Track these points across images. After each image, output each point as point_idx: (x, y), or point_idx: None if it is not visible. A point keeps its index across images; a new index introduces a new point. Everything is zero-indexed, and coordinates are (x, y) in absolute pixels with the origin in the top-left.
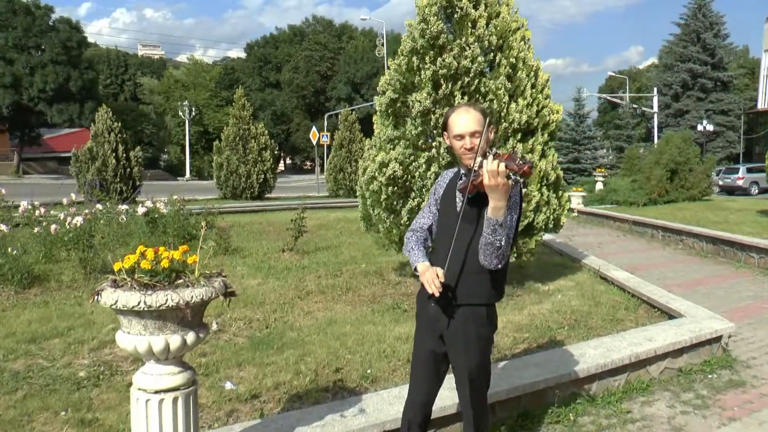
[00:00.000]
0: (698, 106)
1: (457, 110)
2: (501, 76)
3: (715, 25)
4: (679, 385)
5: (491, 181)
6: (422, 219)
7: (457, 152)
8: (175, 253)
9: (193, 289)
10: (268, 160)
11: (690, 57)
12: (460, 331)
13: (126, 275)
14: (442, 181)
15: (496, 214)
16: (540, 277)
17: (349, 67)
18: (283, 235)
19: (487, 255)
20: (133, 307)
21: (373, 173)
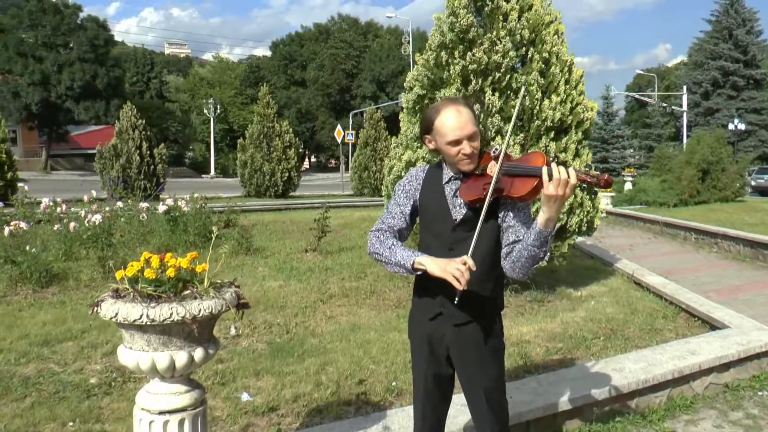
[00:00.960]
0: (729, 105)
1: (445, 110)
2: (533, 71)
3: (748, 21)
4: (726, 402)
5: (556, 191)
6: (391, 219)
7: (451, 158)
8: (182, 260)
9: (201, 301)
10: (293, 158)
11: (721, 54)
12: (472, 350)
13: (128, 285)
14: (414, 180)
15: (548, 225)
16: (572, 282)
17: (375, 65)
18: (307, 234)
19: (524, 267)
20: (134, 320)
21: (400, 172)
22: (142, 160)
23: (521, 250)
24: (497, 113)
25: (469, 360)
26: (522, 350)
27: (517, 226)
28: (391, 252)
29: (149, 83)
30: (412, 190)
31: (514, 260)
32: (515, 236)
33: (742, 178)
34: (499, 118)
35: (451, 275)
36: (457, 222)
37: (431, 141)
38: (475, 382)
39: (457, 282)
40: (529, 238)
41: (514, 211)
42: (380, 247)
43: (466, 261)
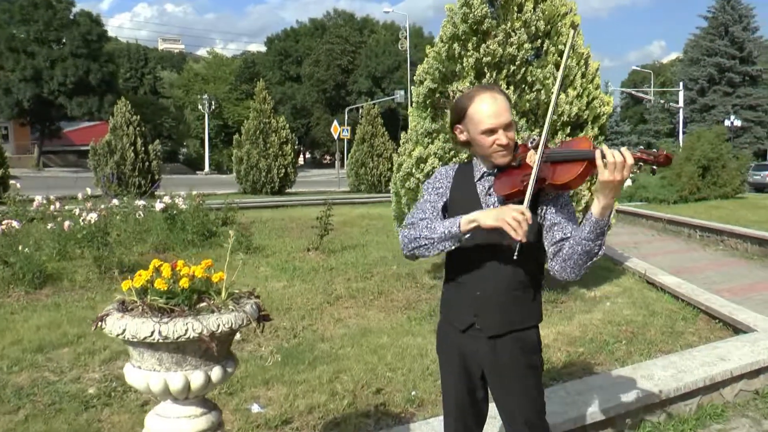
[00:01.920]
0: (725, 101)
1: (480, 96)
2: (549, 64)
3: (744, 17)
4: (757, 410)
5: (612, 176)
6: (422, 214)
7: (485, 150)
8: (196, 269)
9: (220, 315)
10: (289, 154)
11: (717, 51)
12: (508, 366)
13: (136, 297)
14: (444, 179)
15: (604, 214)
16: (584, 281)
17: (371, 60)
18: (307, 232)
19: (577, 265)
20: (145, 338)
21: (410, 169)
22: (137, 156)
23: (573, 246)
24: (512, 107)
25: (506, 379)
26: (543, 355)
27: (563, 222)
28: (430, 229)
29: (143, 79)
30: (442, 189)
31: (564, 258)
32: (562, 234)
33: (742, 174)
34: (514, 113)
35: (508, 223)
36: None
37: (462, 131)
38: (513, 403)
39: (514, 231)
40: (582, 231)
41: (557, 207)
42: (415, 232)
43: (524, 211)
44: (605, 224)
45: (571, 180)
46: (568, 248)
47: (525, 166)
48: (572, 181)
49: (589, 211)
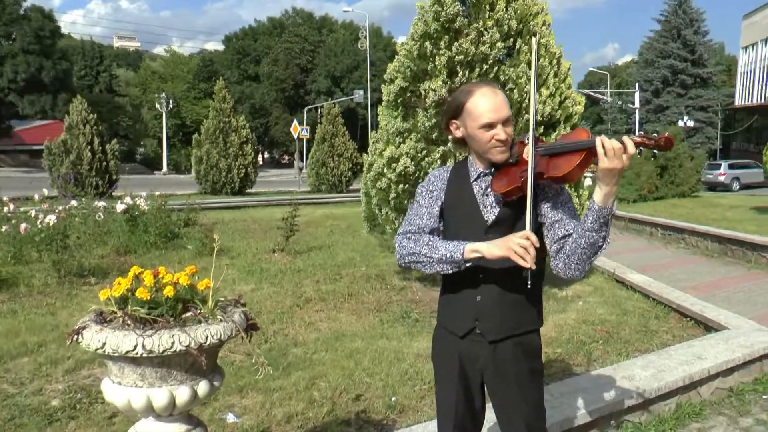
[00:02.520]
0: (678, 102)
1: (480, 90)
2: (522, 63)
3: (695, 21)
4: (733, 407)
5: (613, 164)
6: (419, 220)
7: (483, 146)
8: (180, 276)
9: (208, 325)
10: (249, 154)
11: (670, 53)
12: (509, 371)
13: (116, 307)
14: (438, 181)
15: (607, 201)
16: (553, 280)
17: (329, 60)
18: (271, 233)
19: (581, 260)
20: (127, 352)
21: (381, 169)
22: (94, 156)
23: (576, 240)
24: None
25: (507, 384)
26: None
27: (565, 219)
28: (431, 248)
29: (98, 77)
30: (437, 191)
31: (568, 254)
32: (564, 230)
33: (698, 173)
34: None
35: (514, 252)
36: (489, 223)
37: (458, 127)
38: (514, 409)
39: (522, 260)
40: (585, 222)
41: (558, 204)
42: (415, 246)
43: (529, 236)
44: (609, 212)
45: (569, 171)
46: (572, 242)
47: (522, 162)
48: (571, 171)
49: (591, 200)
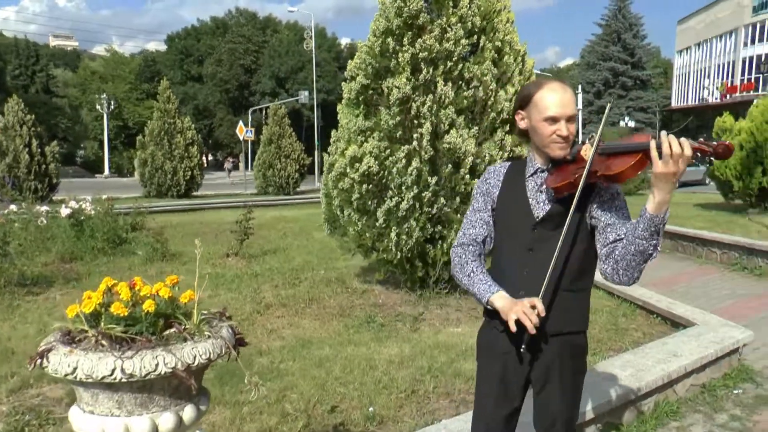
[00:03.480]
0: (619, 104)
1: (550, 85)
2: (486, 60)
3: (634, 26)
4: (707, 404)
5: (666, 168)
6: (472, 229)
7: (544, 139)
8: (161, 288)
9: (195, 343)
10: (195, 155)
11: (611, 56)
12: (555, 371)
13: (86, 324)
14: (493, 178)
15: (659, 209)
16: None
17: (274, 60)
18: (222, 237)
19: (630, 267)
20: (103, 377)
21: (343, 169)
22: (32, 158)
23: (626, 245)
24: (450, 104)
25: (553, 382)
26: None
27: (618, 224)
28: (470, 281)
29: (34, 77)
30: (489, 188)
31: (617, 260)
32: (616, 235)
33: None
34: (453, 110)
35: (520, 319)
36: (538, 219)
37: (523, 118)
38: (556, 408)
39: (527, 324)
40: (636, 229)
41: (613, 208)
42: (460, 273)
43: (536, 304)
44: (660, 221)
45: (622, 170)
46: (621, 248)
47: (579, 160)
48: (625, 171)
49: (643, 207)
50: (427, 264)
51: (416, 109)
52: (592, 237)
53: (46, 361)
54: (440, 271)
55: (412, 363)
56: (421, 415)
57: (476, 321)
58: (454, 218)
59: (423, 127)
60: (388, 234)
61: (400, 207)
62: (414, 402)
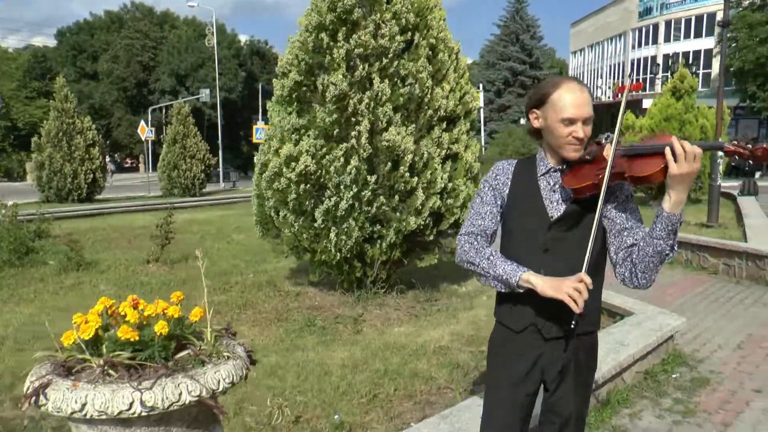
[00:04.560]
0: (519, 102)
1: (567, 85)
2: (421, 57)
3: (531, 27)
4: (650, 390)
5: (680, 169)
6: (482, 221)
7: (559, 140)
8: (168, 307)
9: (216, 366)
10: (97, 157)
11: (510, 56)
12: (572, 372)
13: (87, 353)
14: (502, 175)
15: (676, 209)
16: (450, 277)
17: (173, 57)
18: (137, 242)
19: (648, 269)
20: (120, 413)
21: (278, 169)
22: None
23: (644, 247)
24: (387, 102)
25: (569, 384)
26: (448, 359)
27: (634, 228)
28: (491, 264)
29: None
30: (499, 186)
31: (635, 262)
32: (633, 239)
33: None
34: (390, 107)
35: (568, 296)
36: (554, 219)
37: (538, 117)
38: (572, 407)
39: (574, 304)
40: (654, 230)
41: (627, 211)
42: (476, 257)
43: (583, 278)
44: (678, 220)
45: (653, 172)
46: (639, 250)
47: (599, 160)
48: (654, 174)
49: (660, 207)
50: (365, 264)
51: (353, 106)
52: (605, 239)
53: (43, 399)
54: (378, 270)
55: (367, 366)
56: (388, 420)
57: (417, 320)
58: (393, 217)
59: (361, 125)
60: (326, 234)
61: (339, 206)
62: (378, 406)
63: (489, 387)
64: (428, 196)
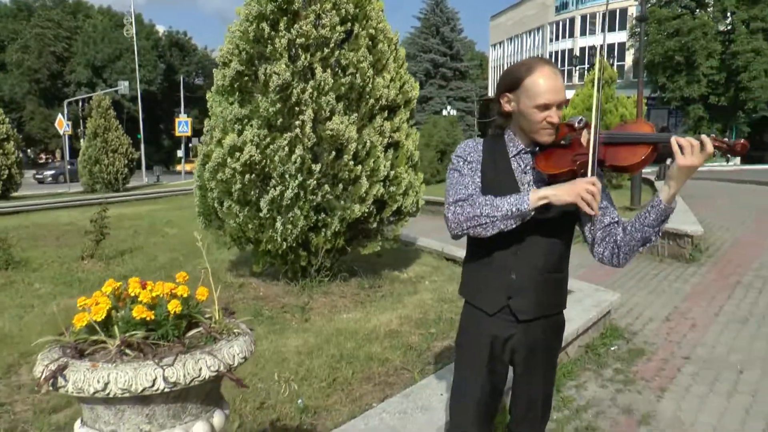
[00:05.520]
0: (441, 93)
1: (541, 70)
2: (361, 47)
3: (451, 20)
4: (593, 362)
5: (688, 160)
6: (465, 189)
7: (533, 125)
8: (177, 287)
9: (229, 342)
10: (12, 152)
11: (431, 48)
12: (540, 352)
13: (103, 334)
14: (474, 152)
15: (672, 200)
16: (391, 264)
17: (89, 48)
18: (65, 239)
19: (632, 252)
20: (144, 390)
21: (221, 159)
22: None
23: (632, 233)
24: (330, 91)
25: (537, 363)
26: (401, 341)
27: (609, 207)
28: (492, 207)
29: None
30: (474, 162)
31: (618, 245)
32: (610, 218)
33: None
34: (333, 97)
35: (582, 198)
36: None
37: (510, 101)
38: (539, 387)
39: (589, 207)
40: (647, 218)
41: (602, 192)
42: (474, 209)
43: (595, 182)
44: (671, 211)
45: (635, 162)
46: (625, 235)
47: (575, 146)
48: (636, 164)
49: (656, 197)
50: (310, 253)
51: (297, 95)
52: (578, 218)
53: (62, 381)
54: (322, 259)
55: (322, 352)
56: (351, 402)
57: (364, 306)
58: (337, 205)
59: (305, 114)
60: (272, 224)
61: (284, 196)
62: (339, 390)
63: (459, 366)
64: (372, 184)
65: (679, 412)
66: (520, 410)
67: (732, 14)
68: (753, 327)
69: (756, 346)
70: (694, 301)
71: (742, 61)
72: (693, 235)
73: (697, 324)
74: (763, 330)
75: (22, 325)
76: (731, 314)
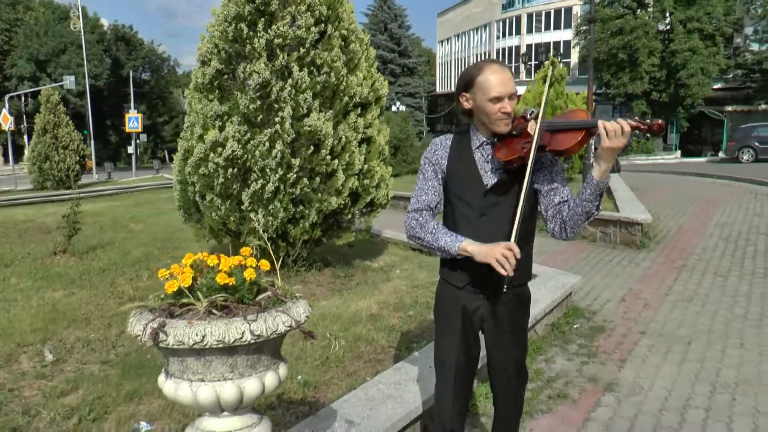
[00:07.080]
0: (390, 89)
1: (490, 68)
2: (335, 47)
3: (399, 17)
4: (558, 339)
5: (612, 143)
6: (425, 196)
7: (490, 117)
8: (246, 260)
9: (294, 304)
10: None
11: (380, 45)
12: (506, 321)
13: (191, 297)
14: (440, 149)
15: (603, 176)
16: (362, 255)
17: (31, 41)
18: (28, 236)
19: (576, 225)
20: (234, 341)
21: (203, 154)
22: None
23: (574, 207)
24: (307, 89)
25: (505, 332)
26: (383, 323)
27: (560, 187)
28: (434, 237)
29: None
30: (438, 159)
31: (564, 220)
32: (560, 197)
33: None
34: (310, 94)
35: (496, 261)
36: (488, 187)
37: (468, 99)
38: (509, 355)
39: (502, 268)
40: (584, 194)
41: (553, 173)
42: (421, 232)
43: (512, 247)
44: (605, 186)
45: (571, 146)
46: (569, 210)
47: (525, 135)
48: (572, 147)
49: (590, 174)
50: (288, 243)
51: (276, 93)
52: (536, 199)
53: (163, 336)
54: (300, 249)
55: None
56: (347, 377)
57: (341, 294)
58: (315, 198)
59: (284, 111)
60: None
61: (265, 189)
62: (333, 367)
63: (438, 333)
64: (347, 177)
65: (638, 379)
66: (495, 375)
67: (670, 14)
68: (698, 305)
69: (701, 320)
70: (646, 283)
71: (681, 59)
72: (642, 223)
73: (649, 303)
74: (707, 307)
75: (11, 317)
76: (679, 294)
